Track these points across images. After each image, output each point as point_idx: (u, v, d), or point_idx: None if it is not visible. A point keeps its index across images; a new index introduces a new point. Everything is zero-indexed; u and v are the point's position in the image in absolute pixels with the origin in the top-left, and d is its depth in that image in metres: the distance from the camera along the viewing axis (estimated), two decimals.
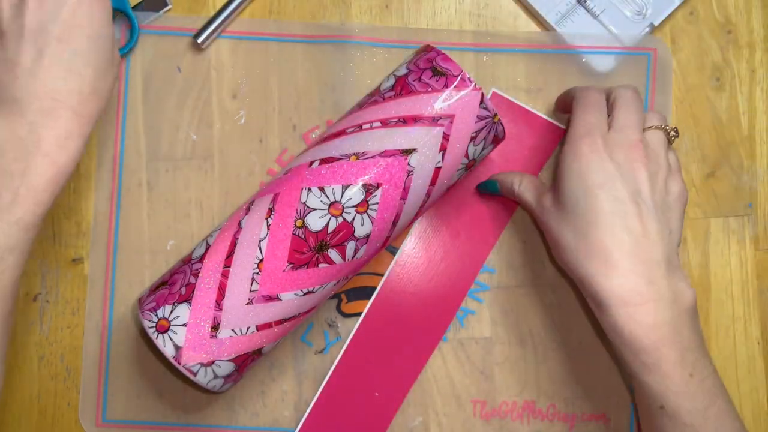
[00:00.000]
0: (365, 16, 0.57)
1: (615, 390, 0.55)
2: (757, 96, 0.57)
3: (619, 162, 0.46)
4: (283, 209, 0.47)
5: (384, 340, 0.54)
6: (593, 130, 0.47)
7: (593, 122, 0.48)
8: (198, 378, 0.46)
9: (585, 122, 0.48)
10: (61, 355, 0.55)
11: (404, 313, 0.54)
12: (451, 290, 0.55)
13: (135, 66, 0.56)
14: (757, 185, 0.57)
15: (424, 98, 0.47)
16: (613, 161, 0.46)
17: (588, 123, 0.48)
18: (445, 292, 0.55)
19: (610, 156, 0.46)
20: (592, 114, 0.48)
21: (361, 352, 0.54)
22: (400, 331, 0.54)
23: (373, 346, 0.54)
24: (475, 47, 0.56)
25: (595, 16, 0.56)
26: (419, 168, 0.47)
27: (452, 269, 0.55)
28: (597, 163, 0.46)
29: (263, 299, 0.47)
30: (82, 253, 0.55)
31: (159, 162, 0.55)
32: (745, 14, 0.57)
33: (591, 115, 0.48)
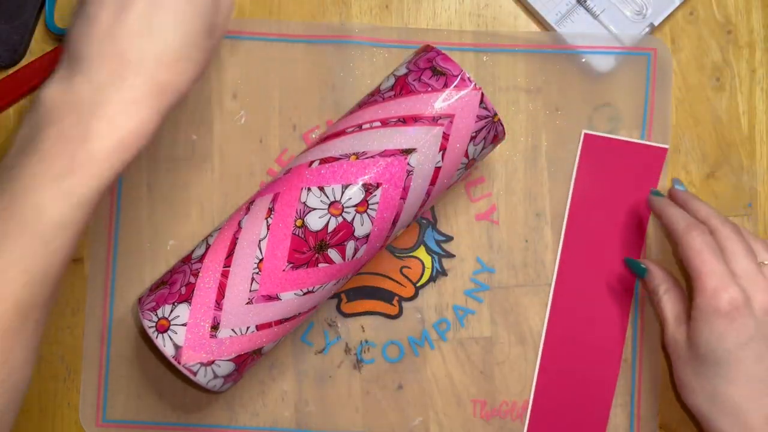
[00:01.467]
0: (365, 16, 0.57)
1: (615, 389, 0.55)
2: (757, 96, 0.57)
3: (759, 318, 0.46)
4: (283, 209, 0.47)
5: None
6: (725, 281, 0.46)
7: (720, 271, 0.46)
8: (198, 378, 0.46)
9: (713, 272, 0.46)
10: (61, 355, 0.55)
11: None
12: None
13: None
14: (757, 185, 0.57)
15: (424, 98, 0.47)
16: (754, 317, 0.45)
17: (716, 273, 0.46)
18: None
19: (750, 311, 0.45)
20: (715, 261, 0.46)
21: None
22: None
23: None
24: (475, 47, 0.56)
25: (595, 16, 0.56)
26: (419, 168, 0.47)
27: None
28: (739, 322, 0.45)
29: (263, 299, 0.47)
30: (82, 253, 0.55)
31: (159, 162, 0.55)
32: (745, 14, 0.57)
33: (715, 263, 0.46)
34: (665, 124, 0.56)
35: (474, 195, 0.56)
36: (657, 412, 0.55)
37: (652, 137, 0.56)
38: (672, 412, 0.55)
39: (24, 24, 0.55)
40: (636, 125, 0.56)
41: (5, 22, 0.54)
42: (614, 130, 0.56)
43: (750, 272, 0.47)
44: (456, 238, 0.56)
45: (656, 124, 0.56)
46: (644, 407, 0.55)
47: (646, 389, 0.55)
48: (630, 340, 0.55)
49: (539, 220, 0.56)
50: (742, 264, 0.47)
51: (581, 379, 0.55)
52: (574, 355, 0.55)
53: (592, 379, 0.55)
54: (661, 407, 0.55)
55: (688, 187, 0.56)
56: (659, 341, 0.55)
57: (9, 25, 0.54)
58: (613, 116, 0.56)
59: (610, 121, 0.56)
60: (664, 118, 0.56)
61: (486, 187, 0.56)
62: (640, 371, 0.55)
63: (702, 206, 0.51)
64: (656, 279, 0.52)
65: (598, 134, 0.56)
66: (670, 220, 0.50)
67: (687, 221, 0.49)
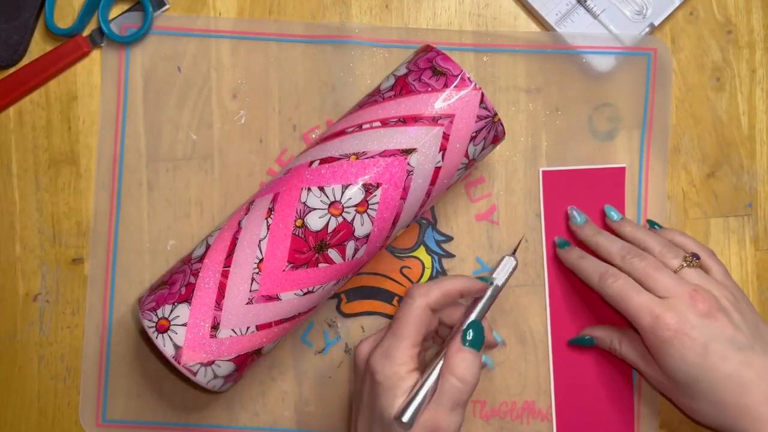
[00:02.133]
0: (365, 16, 0.57)
1: None
2: (757, 96, 0.57)
3: (699, 325, 0.47)
4: (283, 209, 0.47)
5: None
6: (655, 311, 0.47)
7: (647, 304, 0.48)
8: (198, 378, 0.46)
9: (641, 308, 0.48)
10: (61, 355, 0.55)
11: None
12: None
13: (135, 66, 0.56)
14: (757, 185, 0.57)
15: (424, 98, 0.47)
16: (696, 328, 0.46)
17: (644, 307, 0.48)
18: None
19: (690, 324, 0.46)
20: (638, 297, 0.48)
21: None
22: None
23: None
24: (475, 47, 0.56)
25: (595, 16, 0.56)
26: (419, 168, 0.47)
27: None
28: (689, 340, 0.46)
29: (263, 299, 0.47)
30: (82, 253, 0.55)
31: (159, 162, 0.55)
32: (745, 14, 0.57)
33: (638, 299, 0.48)
34: (665, 124, 0.56)
35: (474, 195, 0.56)
36: (657, 411, 0.55)
37: (652, 137, 0.56)
38: (672, 411, 0.55)
39: (24, 24, 0.54)
40: (636, 125, 0.56)
41: (5, 22, 0.54)
42: (614, 130, 0.56)
43: (671, 287, 0.48)
44: (456, 238, 0.56)
45: (656, 124, 0.56)
46: (644, 407, 0.55)
47: (646, 389, 0.55)
48: None
49: (539, 221, 0.56)
50: (662, 283, 0.48)
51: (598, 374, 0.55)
52: (584, 354, 0.55)
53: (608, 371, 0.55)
54: (661, 407, 0.55)
55: (689, 188, 0.56)
56: None
57: (9, 25, 0.54)
58: (613, 116, 0.56)
59: (610, 121, 0.56)
60: (664, 118, 0.56)
61: (486, 187, 0.56)
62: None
63: (603, 244, 0.52)
64: (605, 340, 0.53)
65: (554, 169, 0.56)
66: (583, 276, 0.52)
67: (598, 272, 0.51)
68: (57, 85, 0.56)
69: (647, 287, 0.49)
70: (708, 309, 0.47)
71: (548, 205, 0.56)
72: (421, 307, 0.46)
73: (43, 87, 0.56)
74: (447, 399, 0.44)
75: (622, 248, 0.51)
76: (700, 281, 0.49)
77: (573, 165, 0.56)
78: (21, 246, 0.55)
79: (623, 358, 0.52)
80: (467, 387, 0.45)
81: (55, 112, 0.56)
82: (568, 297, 0.55)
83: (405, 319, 0.46)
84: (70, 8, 0.56)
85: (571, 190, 0.56)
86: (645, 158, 0.56)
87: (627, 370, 0.55)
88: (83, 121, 0.56)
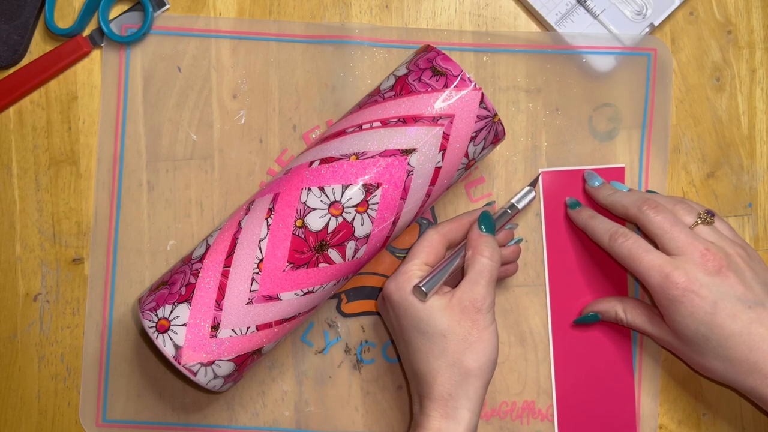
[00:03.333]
0: (365, 16, 0.57)
1: None
2: (757, 96, 0.57)
3: (708, 284, 0.47)
4: (283, 209, 0.47)
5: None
6: (664, 271, 0.47)
7: (658, 263, 0.48)
8: (198, 378, 0.46)
9: (651, 267, 0.48)
10: (61, 355, 0.55)
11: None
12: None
13: (135, 66, 0.56)
14: (757, 185, 0.57)
15: (424, 98, 0.47)
16: (705, 286, 0.47)
17: (654, 266, 0.48)
18: None
19: (699, 282, 0.47)
20: (647, 257, 0.48)
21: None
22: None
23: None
24: (475, 47, 0.56)
25: (595, 16, 0.56)
26: (419, 168, 0.47)
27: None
28: (697, 298, 0.47)
29: (263, 299, 0.47)
30: (82, 253, 0.55)
31: (159, 162, 0.55)
32: (745, 14, 0.57)
33: (648, 258, 0.48)
34: (665, 124, 0.56)
35: (474, 195, 0.56)
36: (657, 412, 0.55)
37: (652, 137, 0.56)
38: (672, 412, 0.55)
39: (24, 24, 0.54)
40: (636, 125, 0.56)
41: (5, 22, 0.54)
42: (614, 130, 0.56)
43: (685, 245, 0.48)
44: None
45: (656, 124, 0.56)
46: (644, 407, 0.55)
47: (646, 389, 0.55)
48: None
49: (539, 220, 0.56)
50: (676, 240, 0.48)
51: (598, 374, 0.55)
52: (584, 353, 0.55)
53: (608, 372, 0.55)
54: (662, 407, 0.55)
55: (689, 188, 0.56)
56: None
57: (9, 25, 0.54)
58: (613, 116, 0.56)
59: (610, 121, 0.56)
60: (664, 118, 0.56)
61: (486, 188, 0.56)
62: (640, 371, 0.55)
63: (619, 199, 0.52)
64: (609, 312, 0.53)
65: (554, 170, 0.56)
66: (593, 235, 0.52)
67: (609, 231, 0.51)
68: (57, 85, 0.56)
69: (661, 243, 0.49)
70: (718, 267, 0.47)
71: (548, 205, 0.56)
72: (433, 233, 0.50)
73: (43, 87, 0.56)
74: (482, 276, 0.48)
75: (638, 199, 0.51)
76: (714, 238, 0.49)
77: (573, 165, 0.56)
78: (21, 246, 0.55)
79: (630, 326, 0.52)
80: (496, 264, 0.49)
81: (55, 112, 0.56)
82: (569, 297, 0.55)
83: (416, 244, 0.50)
84: (70, 8, 0.56)
85: (571, 190, 0.56)
86: (645, 158, 0.56)
87: (628, 370, 0.55)
88: (83, 121, 0.56)
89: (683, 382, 0.56)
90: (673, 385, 0.55)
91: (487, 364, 0.47)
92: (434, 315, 0.47)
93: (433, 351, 0.47)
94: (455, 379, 0.46)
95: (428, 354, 0.47)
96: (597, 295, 0.55)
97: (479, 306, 0.47)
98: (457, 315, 0.47)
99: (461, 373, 0.46)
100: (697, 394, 0.55)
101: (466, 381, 0.47)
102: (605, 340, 0.55)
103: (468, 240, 0.50)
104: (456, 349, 0.46)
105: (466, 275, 0.48)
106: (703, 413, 0.55)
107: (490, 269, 0.48)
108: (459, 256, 0.49)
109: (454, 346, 0.46)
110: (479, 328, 0.47)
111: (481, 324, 0.47)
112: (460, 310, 0.47)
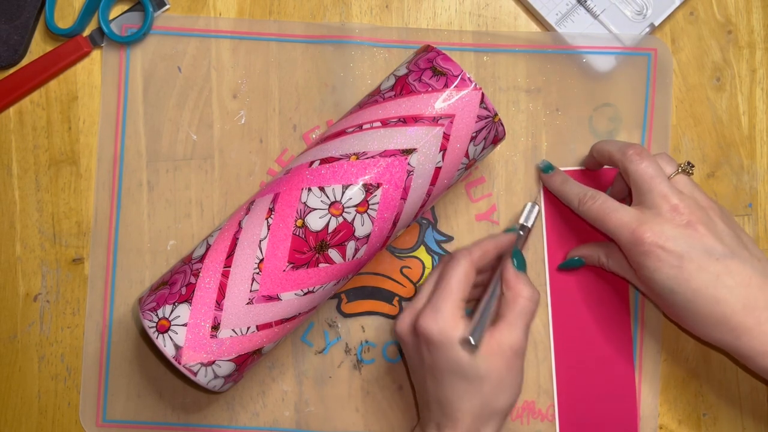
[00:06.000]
0: (365, 16, 0.57)
1: None
2: (758, 96, 0.57)
3: (676, 237, 0.47)
4: (284, 209, 0.47)
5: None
6: (632, 226, 0.47)
7: (626, 221, 0.48)
8: (198, 378, 0.46)
9: (620, 225, 0.48)
10: (62, 355, 0.55)
11: None
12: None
13: (135, 66, 0.56)
14: (757, 185, 0.57)
15: (425, 98, 0.47)
16: (672, 239, 0.46)
17: (623, 224, 0.48)
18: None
19: (667, 236, 0.47)
20: (615, 215, 0.48)
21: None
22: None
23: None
24: (475, 47, 0.56)
25: (596, 16, 0.56)
26: (419, 168, 0.47)
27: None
28: (664, 252, 0.47)
29: (263, 299, 0.47)
30: (82, 253, 0.55)
31: (159, 162, 0.55)
32: (745, 14, 0.57)
33: (616, 216, 0.48)
34: (665, 124, 0.56)
35: (474, 195, 0.56)
36: (657, 412, 0.55)
37: (652, 137, 0.56)
38: (672, 412, 0.55)
39: (24, 24, 0.54)
40: (636, 125, 0.56)
41: (5, 22, 0.54)
42: (614, 130, 0.56)
43: (658, 198, 0.48)
44: (456, 238, 0.56)
45: (656, 124, 0.56)
46: (645, 407, 0.55)
47: (647, 389, 0.55)
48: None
49: (539, 221, 0.56)
50: (654, 192, 0.48)
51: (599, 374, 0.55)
52: (585, 353, 0.55)
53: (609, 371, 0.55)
54: (662, 407, 0.55)
55: None
56: (659, 342, 0.55)
57: (9, 25, 0.54)
58: (614, 116, 0.56)
59: (611, 121, 0.56)
60: (664, 118, 0.56)
61: (486, 188, 0.56)
62: (640, 372, 0.55)
63: (604, 145, 0.52)
64: (593, 256, 0.54)
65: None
66: (564, 200, 0.53)
67: (578, 196, 0.51)
68: (57, 85, 0.56)
69: (638, 192, 0.49)
70: (688, 220, 0.47)
71: (548, 205, 0.56)
72: (467, 264, 0.48)
73: (43, 87, 0.56)
74: (521, 319, 0.47)
75: (624, 145, 0.50)
76: (689, 190, 0.49)
77: (573, 165, 0.56)
78: (21, 246, 0.55)
79: (612, 272, 0.53)
80: (535, 305, 0.48)
81: (55, 112, 0.56)
82: (570, 297, 0.55)
83: (451, 276, 0.48)
84: (70, 8, 0.56)
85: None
86: None
87: (629, 370, 0.55)
88: (83, 121, 0.56)
89: (683, 382, 0.56)
90: (673, 385, 0.55)
91: (513, 403, 0.48)
92: (476, 361, 0.46)
93: (468, 392, 0.46)
94: (484, 418, 0.47)
95: (462, 395, 0.46)
96: (598, 295, 0.55)
97: (516, 350, 0.47)
98: (496, 360, 0.46)
99: (490, 413, 0.47)
100: (698, 394, 0.56)
101: (493, 419, 0.47)
102: (606, 340, 0.55)
103: (504, 279, 0.49)
104: (490, 392, 0.46)
105: (504, 316, 0.47)
106: (704, 413, 0.55)
107: (529, 312, 0.48)
108: (494, 297, 0.48)
109: (488, 389, 0.46)
110: (513, 373, 0.47)
111: (515, 368, 0.47)
112: (499, 354, 0.46)
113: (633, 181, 0.49)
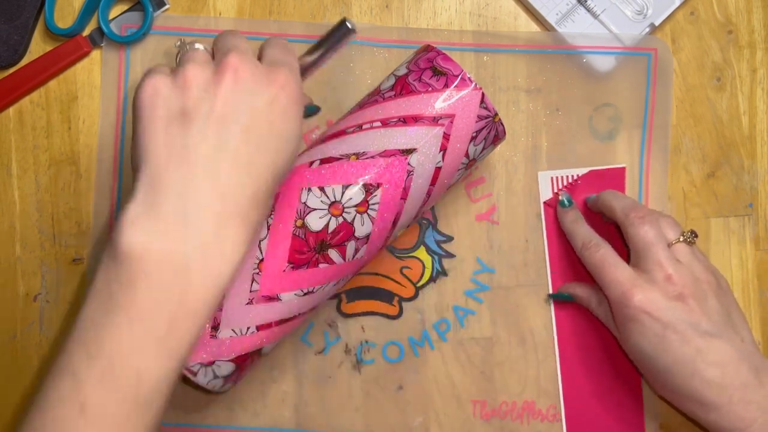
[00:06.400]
0: (365, 16, 0.57)
1: None
2: (758, 96, 0.57)
3: (665, 308, 0.47)
4: (283, 209, 0.47)
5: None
6: (625, 287, 0.48)
7: (622, 279, 0.48)
8: (198, 378, 0.46)
9: (614, 281, 0.48)
10: None
11: None
12: None
13: (135, 66, 0.56)
14: (757, 185, 0.57)
15: (425, 98, 0.47)
16: (661, 309, 0.47)
17: (618, 281, 0.48)
18: None
19: (657, 305, 0.47)
20: (613, 271, 0.49)
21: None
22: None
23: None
24: (475, 47, 0.56)
25: (596, 16, 0.56)
26: (419, 168, 0.47)
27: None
28: (650, 320, 0.47)
29: (263, 299, 0.47)
30: (82, 253, 0.55)
31: None
32: (745, 14, 0.57)
33: (613, 273, 0.49)
34: (665, 124, 0.56)
35: (474, 195, 0.56)
36: (658, 412, 0.55)
37: (652, 137, 0.56)
38: (673, 412, 0.55)
39: (24, 24, 0.54)
40: (636, 125, 0.56)
41: (5, 22, 0.54)
42: (614, 130, 0.56)
43: (655, 265, 0.48)
44: (456, 238, 0.56)
45: (657, 124, 0.56)
46: (645, 407, 0.55)
47: (648, 389, 0.55)
48: None
49: (539, 221, 0.56)
50: (652, 258, 0.48)
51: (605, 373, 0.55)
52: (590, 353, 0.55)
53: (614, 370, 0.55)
54: (662, 408, 0.55)
55: (689, 188, 0.56)
56: None
57: (9, 25, 0.54)
58: (614, 116, 0.56)
59: (611, 121, 0.56)
60: (664, 118, 0.56)
61: (486, 188, 0.56)
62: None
63: (610, 200, 0.52)
64: (584, 299, 0.53)
65: (554, 172, 0.56)
66: (570, 239, 0.53)
67: (583, 239, 0.52)
68: (57, 85, 0.56)
69: (636, 255, 0.49)
70: (680, 292, 0.47)
71: (549, 209, 0.56)
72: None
73: (43, 87, 0.56)
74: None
75: (628, 205, 0.51)
76: (689, 260, 0.49)
77: (573, 165, 0.56)
78: (21, 246, 0.55)
79: (599, 319, 0.53)
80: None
81: (55, 112, 0.56)
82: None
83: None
84: (70, 8, 0.56)
85: (571, 189, 0.56)
86: (645, 158, 0.56)
87: (635, 372, 0.55)
88: (83, 121, 0.56)
89: None
90: None
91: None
92: None
93: None
94: None
95: None
96: None
97: None
98: None
99: None
100: None
101: None
102: (611, 339, 0.55)
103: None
104: None
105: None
106: None
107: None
108: None
109: None
110: None
111: None
112: None
113: (632, 244, 0.49)
